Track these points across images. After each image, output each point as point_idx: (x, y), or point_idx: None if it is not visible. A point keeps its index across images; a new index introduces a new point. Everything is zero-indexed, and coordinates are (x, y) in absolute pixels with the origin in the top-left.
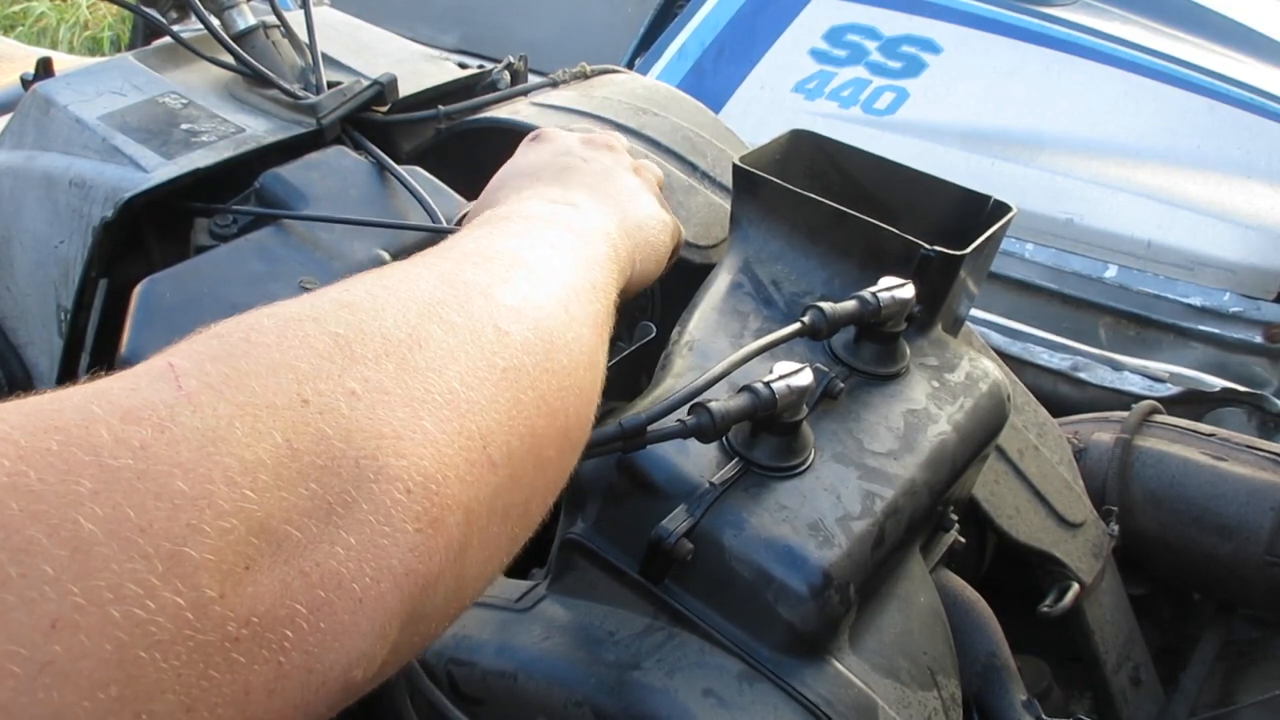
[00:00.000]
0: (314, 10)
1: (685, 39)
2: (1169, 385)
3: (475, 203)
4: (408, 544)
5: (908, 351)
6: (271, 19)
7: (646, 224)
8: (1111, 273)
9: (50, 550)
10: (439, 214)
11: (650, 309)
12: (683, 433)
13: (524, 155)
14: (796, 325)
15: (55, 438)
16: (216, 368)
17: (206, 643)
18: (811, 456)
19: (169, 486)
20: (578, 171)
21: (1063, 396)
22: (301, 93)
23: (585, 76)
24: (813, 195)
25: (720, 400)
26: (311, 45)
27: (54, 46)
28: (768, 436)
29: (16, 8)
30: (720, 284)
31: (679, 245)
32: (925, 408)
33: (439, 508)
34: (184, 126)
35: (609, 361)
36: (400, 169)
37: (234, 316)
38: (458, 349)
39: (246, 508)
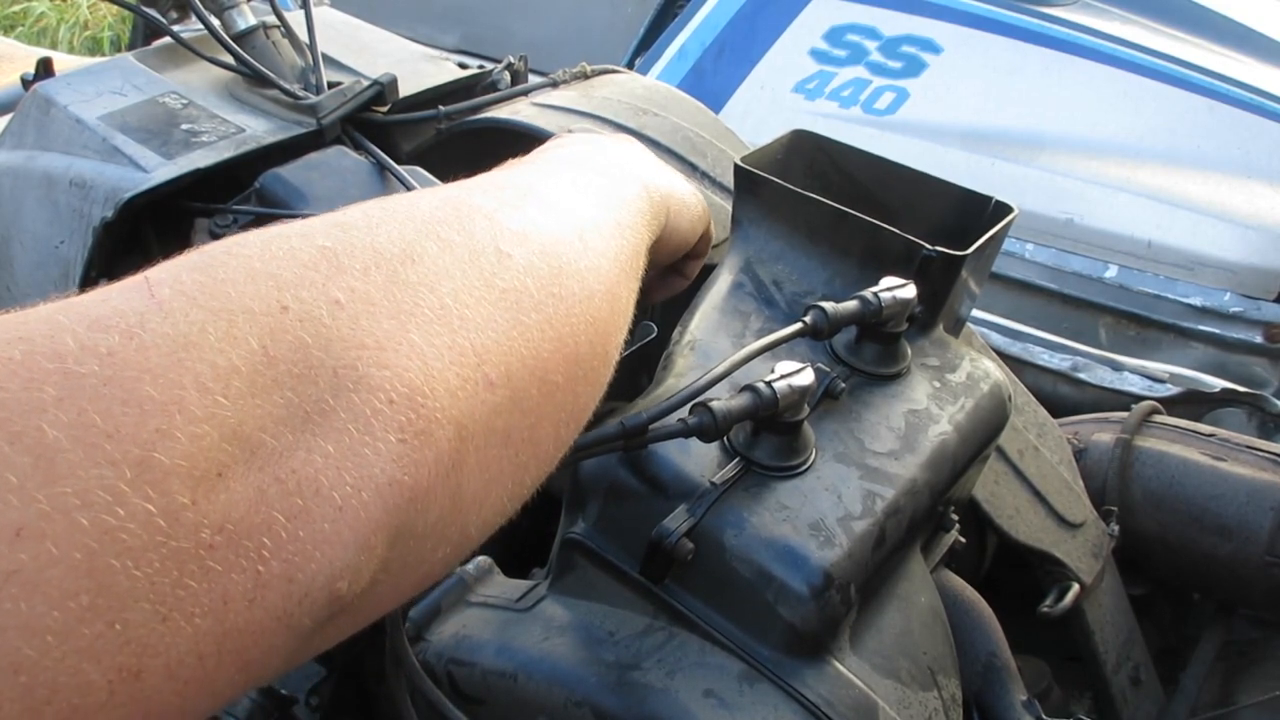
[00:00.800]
0: (314, 10)
1: (685, 39)
2: (1169, 385)
3: None
4: (390, 454)
5: (909, 352)
6: (271, 19)
7: (678, 187)
8: (1111, 273)
9: (12, 458)
10: None
11: (650, 309)
12: (684, 432)
13: (546, 148)
14: (798, 325)
15: (19, 347)
16: (192, 276)
17: (180, 550)
18: (812, 456)
19: (137, 392)
20: (606, 148)
21: (1063, 397)
22: (301, 93)
23: (585, 76)
24: (813, 195)
25: (722, 400)
26: (312, 45)
27: (54, 46)
28: (769, 436)
29: (16, 8)
30: (721, 284)
31: (709, 229)
32: (926, 408)
33: (425, 420)
34: (184, 126)
35: None
36: (400, 169)
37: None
38: (453, 266)
39: (219, 414)
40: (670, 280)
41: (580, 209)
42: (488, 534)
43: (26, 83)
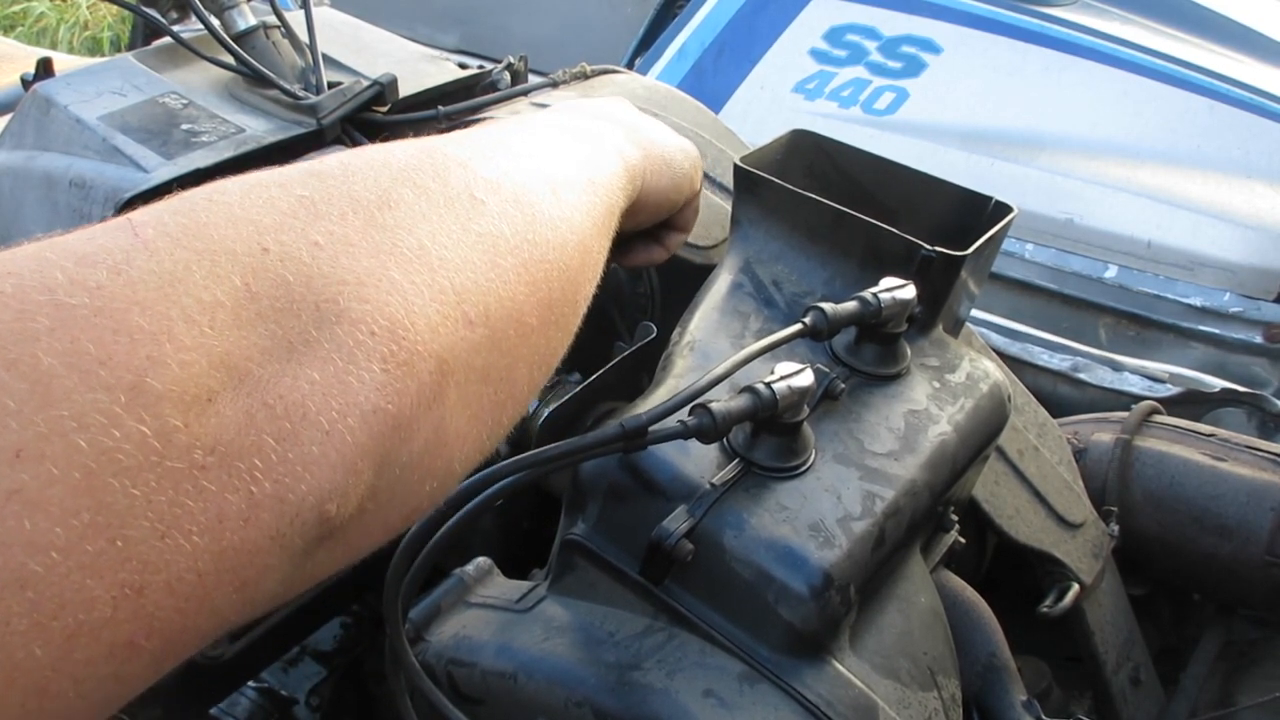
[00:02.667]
0: (314, 10)
1: (685, 39)
2: (1169, 385)
3: None
4: (374, 382)
5: (908, 352)
6: (271, 19)
7: (660, 140)
8: (1111, 273)
9: (9, 383)
10: None
11: (650, 309)
12: (684, 433)
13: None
14: (798, 326)
15: (10, 281)
16: (175, 219)
17: (175, 469)
18: (812, 457)
19: (127, 322)
20: (583, 110)
21: (1063, 397)
22: (301, 93)
23: (585, 76)
24: (813, 195)
25: (721, 401)
26: (312, 45)
27: (54, 46)
28: (768, 437)
29: (16, 8)
30: (721, 284)
31: (699, 180)
32: (926, 408)
33: (407, 352)
34: (184, 126)
35: (611, 362)
36: None
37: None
38: (429, 210)
39: (206, 343)
40: (649, 249)
41: (551, 162)
42: (469, 469)
43: (26, 83)
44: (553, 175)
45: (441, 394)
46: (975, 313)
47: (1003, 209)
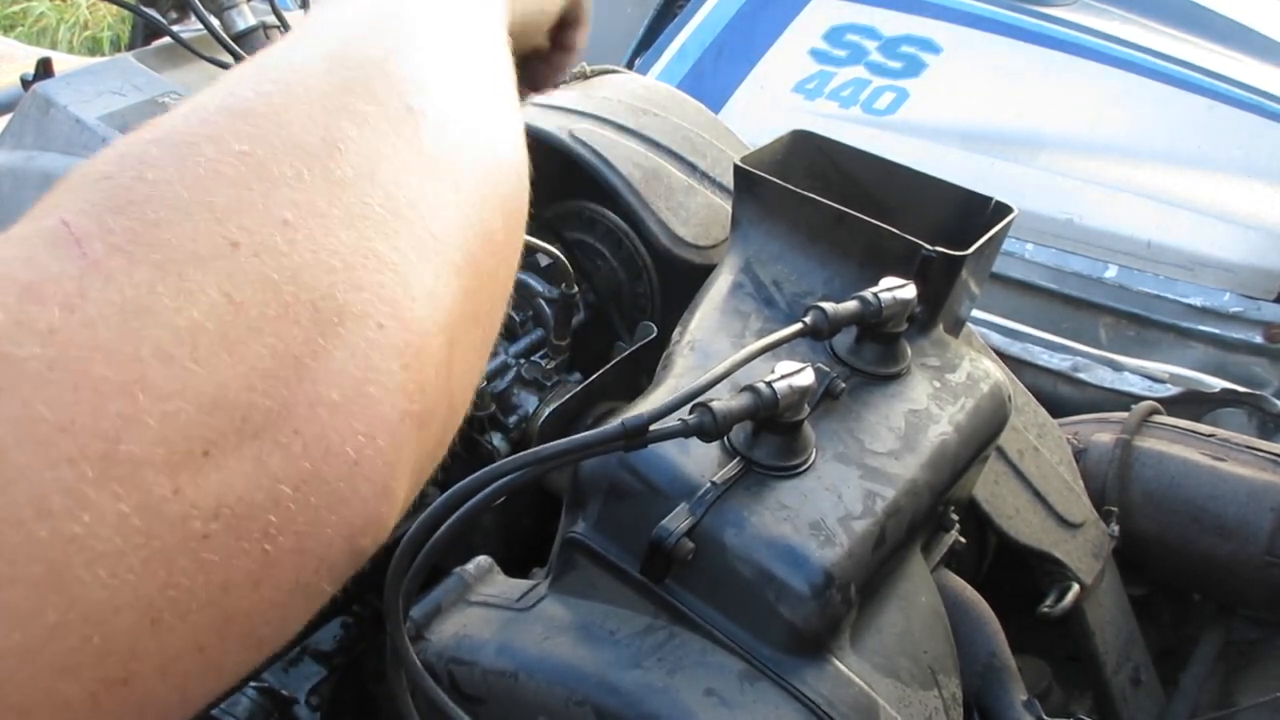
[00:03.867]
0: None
1: (685, 39)
2: (1169, 386)
3: None
4: (395, 385)
5: (909, 352)
6: (271, 19)
7: None
8: (1111, 273)
9: None
10: None
11: (651, 309)
12: (684, 432)
13: None
14: (798, 325)
15: None
16: (119, 222)
17: (165, 548)
18: (813, 456)
19: (89, 374)
20: None
21: (1063, 397)
22: None
23: (585, 77)
24: (813, 195)
25: (722, 400)
26: None
27: (54, 46)
28: (769, 436)
29: (16, 8)
30: (721, 284)
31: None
32: (926, 408)
33: (419, 336)
34: None
35: (611, 362)
36: None
37: (111, 146)
38: (380, 144)
39: (192, 383)
40: (555, 59)
41: (441, 23)
42: (465, 414)
43: (26, 83)
44: (450, 39)
45: (451, 366)
46: (975, 313)
47: (1003, 209)
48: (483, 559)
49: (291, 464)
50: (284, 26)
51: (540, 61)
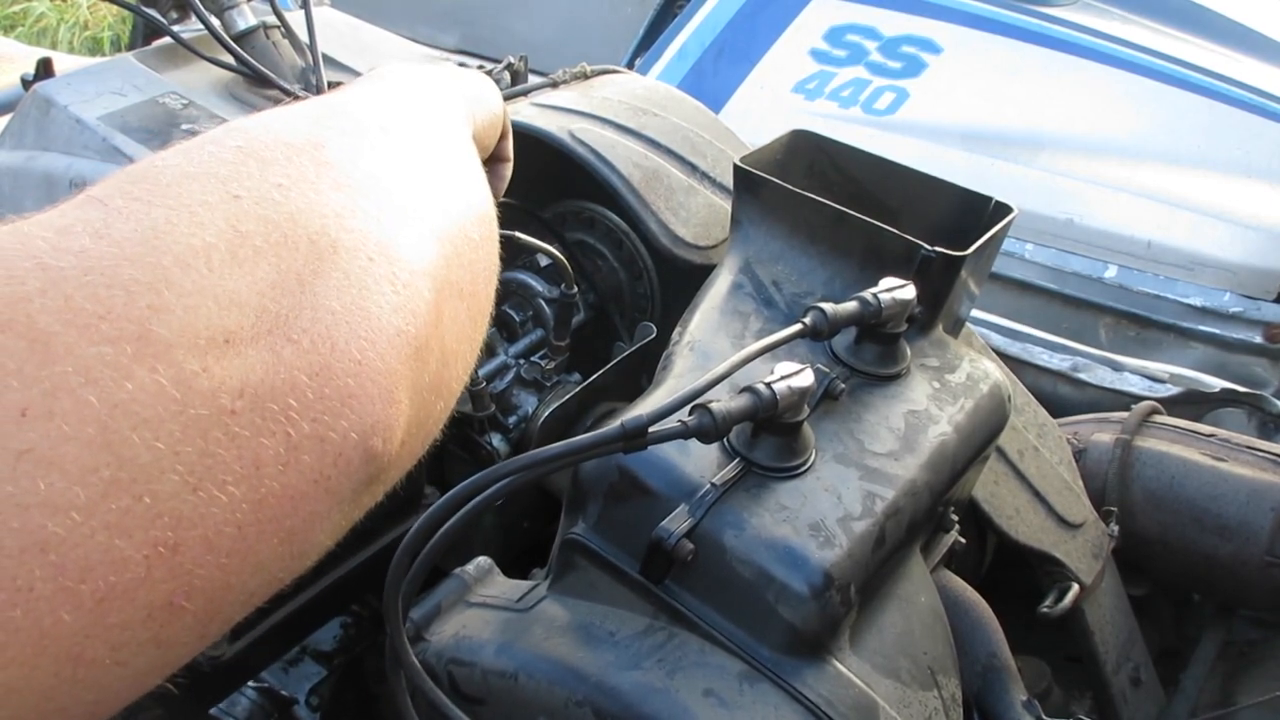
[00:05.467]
0: (314, 10)
1: (685, 39)
2: (1169, 386)
3: None
4: (390, 305)
5: (908, 352)
6: (272, 19)
7: (472, 83)
8: (1111, 273)
9: (6, 343)
10: None
11: (650, 309)
12: (684, 433)
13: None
14: (798, 326)
15: None
16: (138, 187)
17: (200, 418)
18: (812, 457)
19: (119, 276)
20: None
21: (1063, 397)
22: (302, 93)
23: (585, 77)
24: (813, 195)
25: (722, 401)
26: (312, 45)
27: (54, 46)
28: (769, 437)
29: (16, 8)
30: (721, 284)
31: (507, 126)
32: (926, 408)
33: (406, 271)
34: (184, 126)
35: (611, 362)
36: None
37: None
38: (358, 144)
39: (209, 285)
40: (497, 169)
41: (413, 101)
42: (460, 390)
43: (26, 83)
44: (420, 107)
45: (439, 313)
46: (975, 313)
47: (1003, 209)
48: (482, 560)
49: (302, 357)
50: (284, 26)
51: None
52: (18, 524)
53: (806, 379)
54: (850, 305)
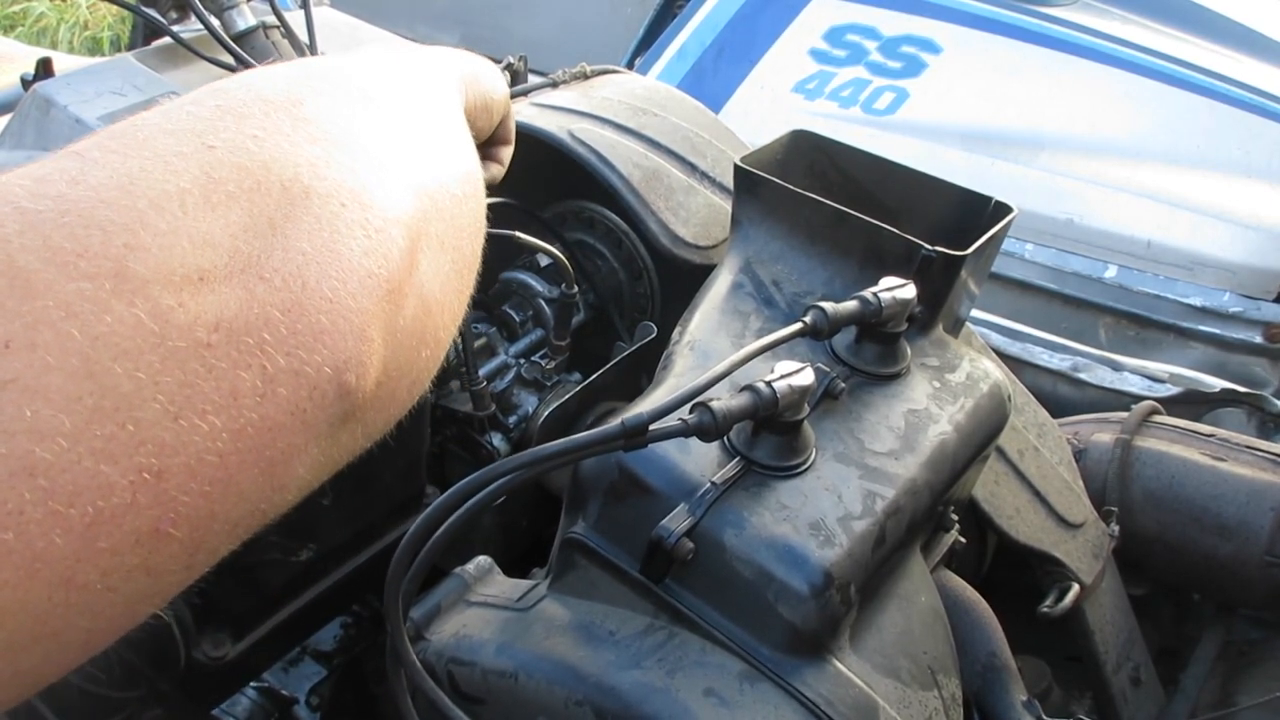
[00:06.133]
0: (314, 10)
1: (685, 39)
2: (1169, 385)
3: None
4: (361, 248)
5: (909, 352)
6: (271, 19)
7: (478, 69)
8: (1111, 273)
9: None
10: None
11: (650, 309)
12: (684, 431)
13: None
14: (798, 325)
15: None
16: (115, 141)
17: (178, 349)
18: (813, 456)
19: (96, 216)
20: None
21: (1062, 397)
22: None
23: (585, 77)
24: (813, 195)
25: (722, 399)
26: (311, 45)
27: (54, 46)
28: (769, 436)
29: (16, 8)
30: (721, 284)
31: (504, 90)
32: (926, 408)
33: (379, 218)
34: None
35: (611, 362)
36: None
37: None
38: (337, 104)
39: (183, 226)
40: (485, 166)
41: (401, 70)
42: (450, 337)
43: (26, 83)
44: (405, 73)
45: (416, 259)
46: (975, 313)
47: (1003, 209)
48: (482, 559)
49: (275, 294)
50: (284, 26)
51: (487, 154)
52: (5, 449)
53: (807, 378)
54: (850, 305)
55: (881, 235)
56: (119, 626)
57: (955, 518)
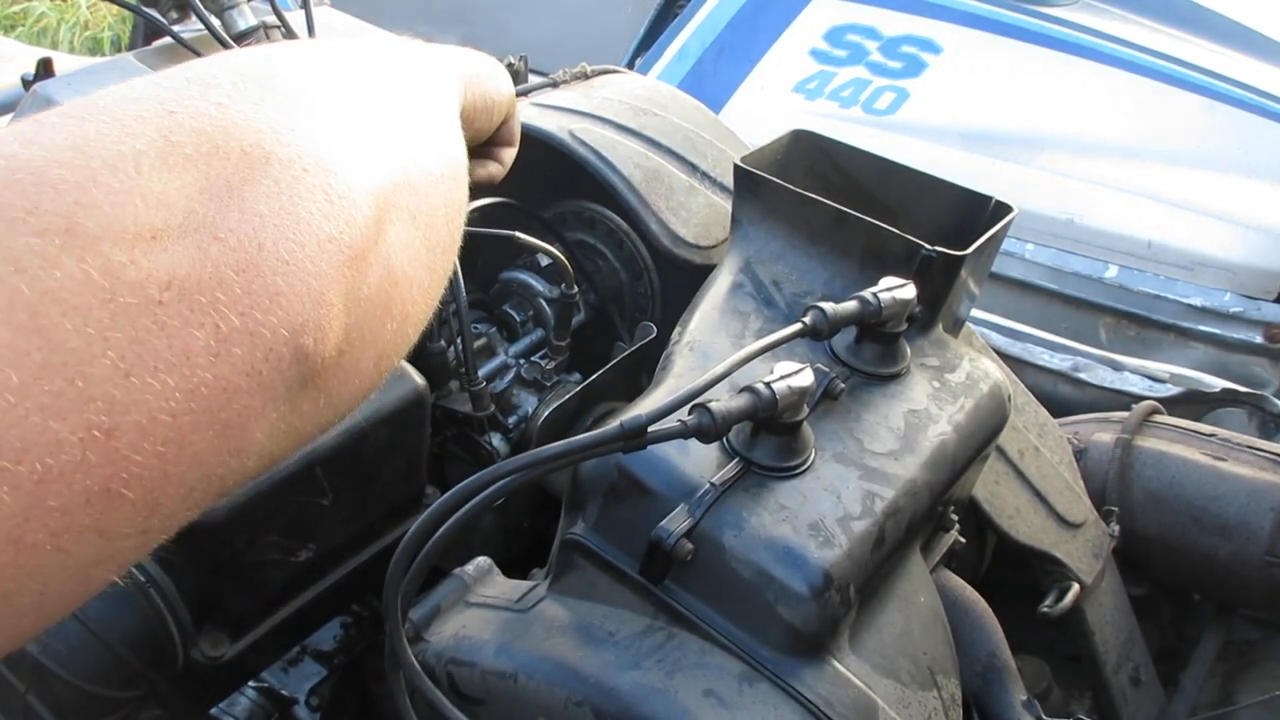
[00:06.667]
0: (314, 11)
1: (685, 39)
2: (1169, 385)
3: None
4: (321, 213)
5: (908, 352)
6: (272, 19)
7: (482, 68)
8: (1111, 273)
9: None
10: None
11: (650, 309)
12: (684, 433)
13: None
14: (798, 325)
15: None
16: (76, 108)
17: (129, 305)
18: (812, 457)
19: (48, 175)
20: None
21: (1063, 397)
22: None
23: (585, 77)
24: (813, 195)
25: (721, 400)
26: None
27: (54, 46)
28: (768, 437)
29: (16, 8)
30: (721, 284)
31: (513, 111)
32: (926, 408)
33: (344, 184)
34: None
35: (611, 362)
36: None
37: None
38: (312, 75)
39: (136, 186)
40: (485, 165)
41: (388, 59)
42: (422, 314)
43: (26, 83)
44: (394, 61)
45: (382, 229)
46: (975, 313)
47: (1003, 209)
48: (482, 560)
49: (229, 254)
50: (284, 26)
51: (490, 154)
52: None
53: (806, 378)
54: (850, 305)
55: (881, 235)
56: (73, 592)
57: (955, 518)
